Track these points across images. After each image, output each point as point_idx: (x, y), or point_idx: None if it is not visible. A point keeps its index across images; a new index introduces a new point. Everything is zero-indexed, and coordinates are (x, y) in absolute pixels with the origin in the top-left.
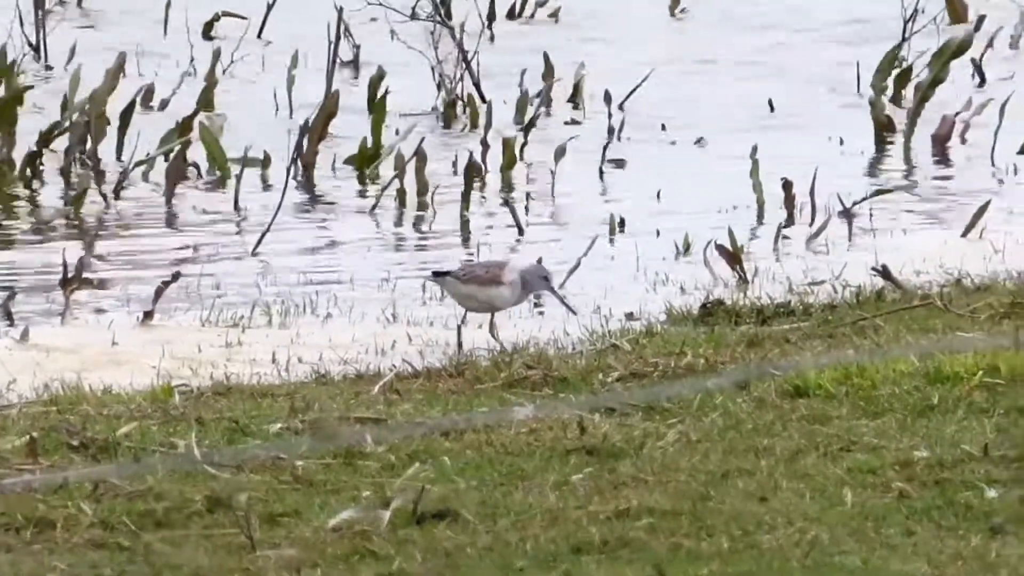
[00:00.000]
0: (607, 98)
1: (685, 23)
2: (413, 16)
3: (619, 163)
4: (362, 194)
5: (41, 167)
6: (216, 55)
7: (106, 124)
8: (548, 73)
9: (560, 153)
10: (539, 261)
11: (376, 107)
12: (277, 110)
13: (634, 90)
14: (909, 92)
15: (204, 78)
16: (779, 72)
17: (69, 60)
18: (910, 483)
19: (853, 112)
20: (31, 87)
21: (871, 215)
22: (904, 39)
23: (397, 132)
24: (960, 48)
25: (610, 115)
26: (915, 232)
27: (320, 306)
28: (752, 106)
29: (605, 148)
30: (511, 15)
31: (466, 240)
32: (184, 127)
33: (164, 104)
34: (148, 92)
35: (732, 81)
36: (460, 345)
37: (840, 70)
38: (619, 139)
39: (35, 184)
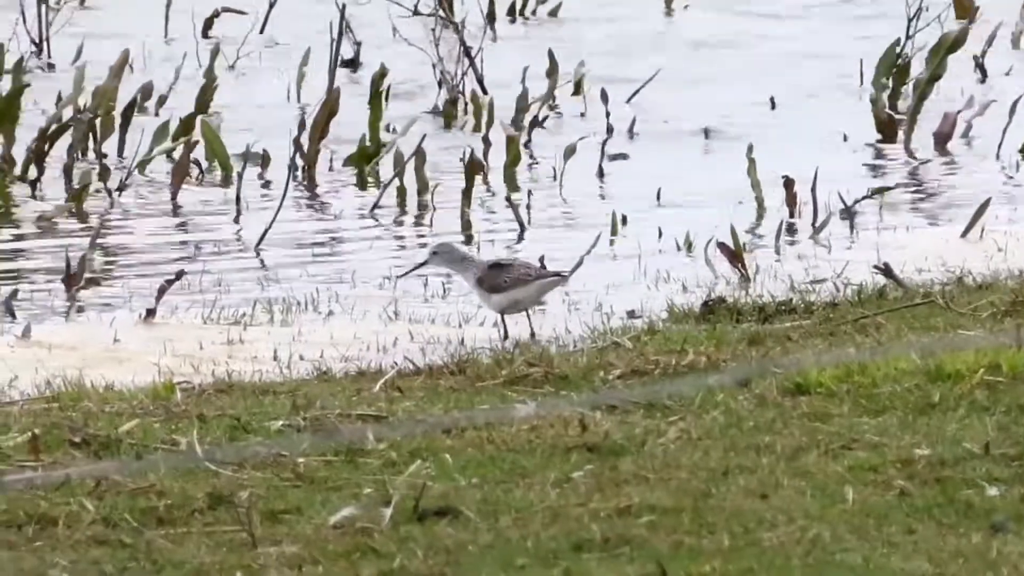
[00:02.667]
0: (604, 97)
1: (686, 20)
2: (415, 13)
3: (622, 156)
4: (363, 192)
5: (44, 164)
6: (214, 53)
7: (113, 121)
8: (552, 71)
9: (570, 152)
10: (541, 259)
11: (376, 105)
12: (279, 107)
13: (639, 90)
14: (909, 89)
15: (203, 75)
16: (781, 69)
17: (76, 59)
18: (911, 481)
19: (855, 109)
20: (28, 84)
21: (876, 213)
22: (908, 36)
23: (393, 130)
24: (956, 43)
25: (608, 113)
26: (917, 230)
27: (322, 303)
28: (754, 103)
29: (604, 145)
30: (511, 13)
31: (468, 239)
32: (186, 126)
33: (162, 100)
34: (149, 90)
35: (733, 78)
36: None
37: (842, 67)
38: (631, 136)
39: (37, 181)
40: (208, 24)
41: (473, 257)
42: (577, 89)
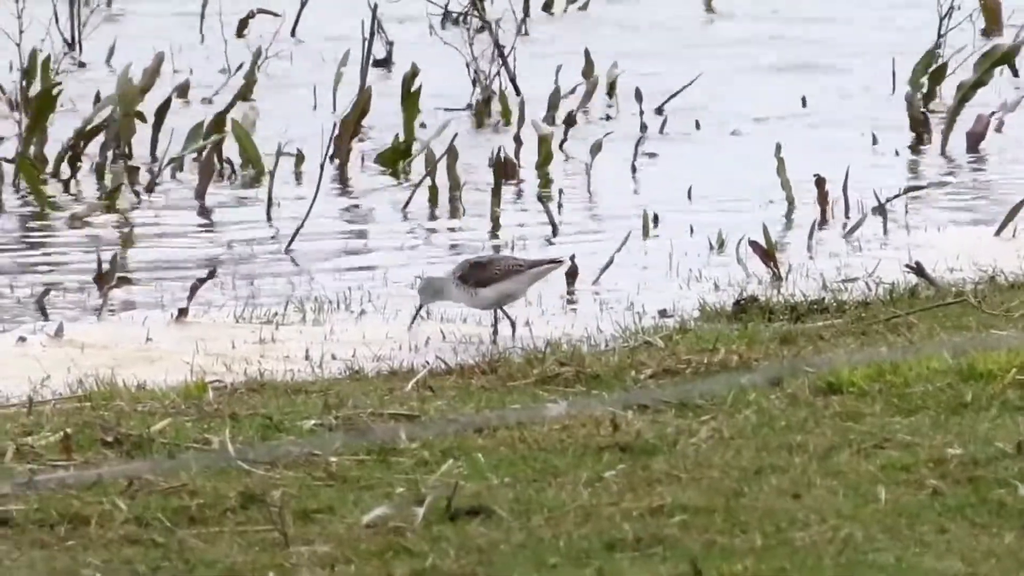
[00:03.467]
0: (638, 96)
1: (718, 18)
2: (447, 13)
3: (651, 155)
4: (395, 191)
5: (78, 164)
6: (257, 54)
7: (134, 122)
8: (587, 70)
9: (596, 149)
10: (573, 257)
11: (409, 103)
12: (315, 107)
13: (676, 94)
14: (944, 89)
15: (244, 76)
16: (813, 68)
17: (109, 58)
18: (944, 480)
19: (887, 108)
20: (59, 83)
21: (906, 212)
22: (940, 36)
23: (423, 125)
24: (1006, 56)
25: (642, 112)
26: (949, 229)
27: (354, 302)
28: (786, 102)
29: (637, 144)
30: (547, 8)
31: (496, 236)
32: (218, 123)
33: (205, 101)
34: (183, 89)
35: (766, 76)
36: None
37: (874, 66)
38: (662, 133)
39: (70, 181)
40: (242, 25)
41: (444, 275)
42: (611, 89)
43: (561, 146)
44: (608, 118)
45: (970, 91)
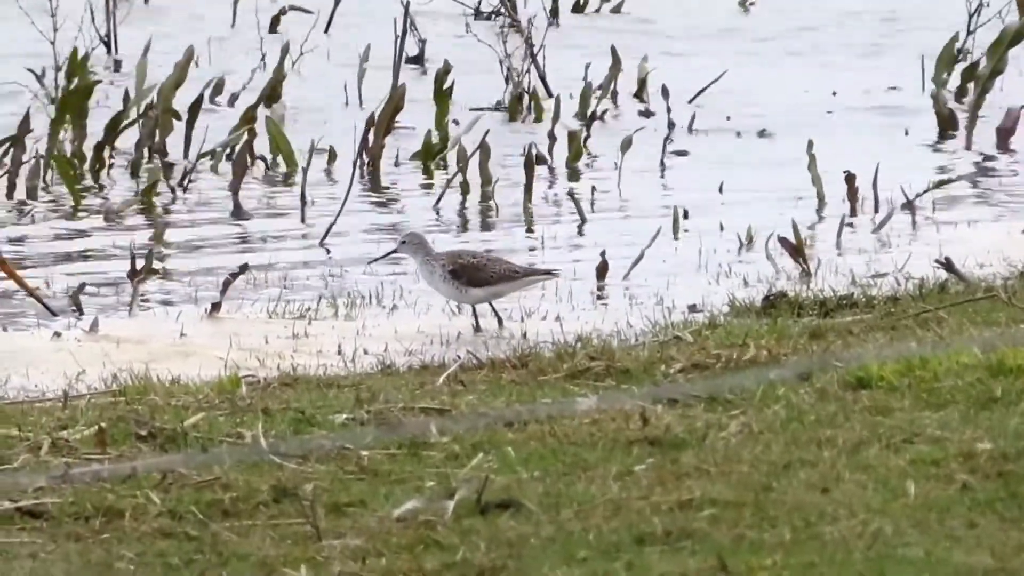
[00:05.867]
0: (665, 92)
1: (748, 17)
2: (479, 11)
3: (681, 153)
4: (427, 186)
5: (112, 160)
6: (285, 50)
7: (172, 118)
8: (615, 67)
9: (626, 145)
10: (604, 253)
11: (441, 101)
12: (347, 104)
13: (705, 88)
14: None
15: (273, 72)
16: (843, 64)
17: (145, 54)
18: (973, 475)
19: (916, 105)
20: (99, 81)
21: (934, 208)
22: (969, 32)
23: (455, 122)
24: (1016, 37)
25: (669, 109)
26: (978, 225)
27: (386, 298)
28: (816, 99)
29: (666, 141)
30: (576, 9)
31: (529, 231)
32: (247, 119)
33: (233, 99)
34: (217, 86)
35: (796, 74)
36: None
37: (904, 63)
38: (691, 131)
39: (104, 176)
40: (275, 21)
41: (436, 251)
42: (640, 86)
43: (585, 142)
44: (639, 115)
45: (989, 81)
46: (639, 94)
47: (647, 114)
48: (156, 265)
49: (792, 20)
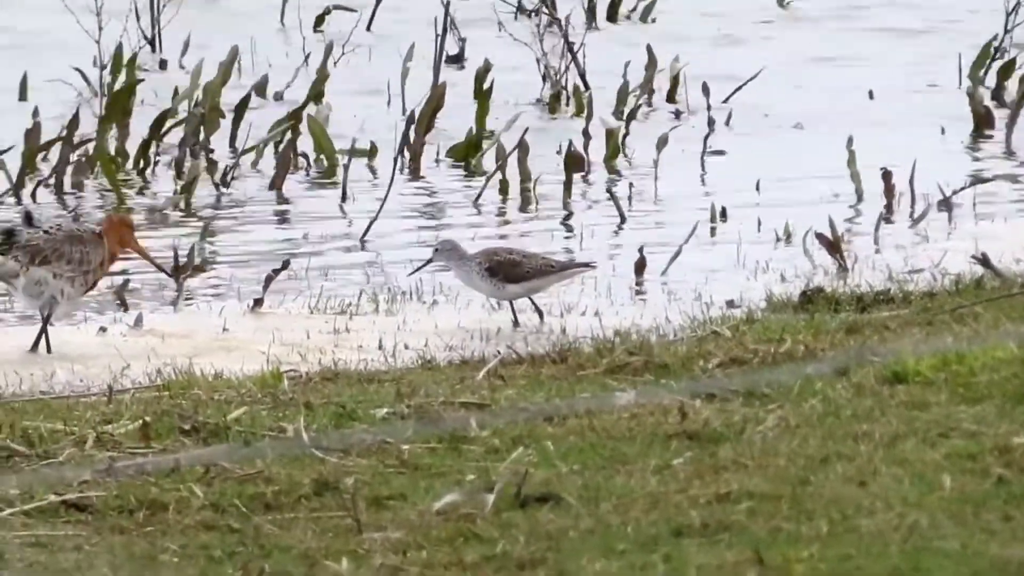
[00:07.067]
0: (705, 90)
1: (787, 15)
2: (519, 8)
3: (719, 152)
4: (467, 183)
5: (156, 157)
6: (329, 49)
7: (219, 116)
8: (650, 65)
9: (662, 143)
10: (642, 249)
11: (481, 98)
12: (389, 102)
13: (742, 86)
14: (1012, 84)
15: (316, 71)
16: (880, 62)
17: (183, 53)
18: (1009, 469)
19: (954, 102)
20: (142, 80)
21: (974, 205)
22: (1007, 31)
23: (497, 119)
24: None
25: (709, 107)
26: (1015, 220)
27: (426, 293)
28: (852, 96)
29: (706, 139)
30: (613, 8)
31: (568, 228)
32: (292, 117)
33: (279, 96)
34: (261, 84)
35: (833, 71)
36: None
37: (941, 61)
38: (727, 125)
39: (149, 174)
40: (319, 20)
41: (469, 253)
42: (674, 83)
43: (623, 140)
44: (676, 114)
45: None
46: (673, 92)
47: (681, 113)
48: (200, 262)
49: (827, 19)
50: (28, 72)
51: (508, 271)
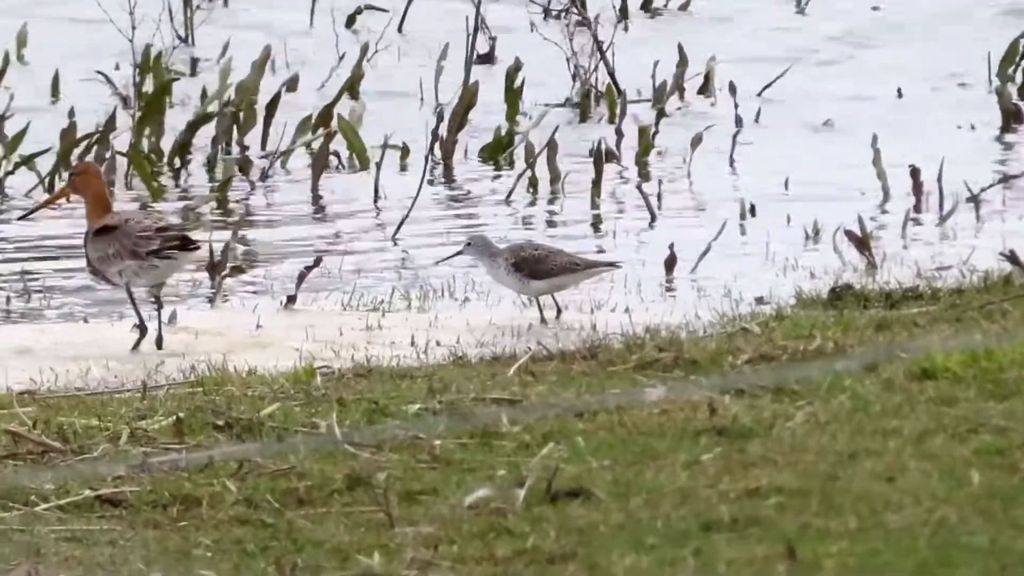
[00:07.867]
0: (732, 89)
1: (813, 12)
2: (548, 9)
3: (747, 145)
4: (498, 181)
5: (189, 156)
6: (364, 50)
7: (255, 114)
8: (681, 63)
9: (696, 141)
10: (672, 246)
11: (511, 97)
12: (421, 101)
13: (770, 84)
14: None
15: (351, 71)
16: (908, 60)
17: (223, 54)
18: None
19: (982, 100)
20: (177, 79)
21: (1004, 203)
22: None
23: (528, 117)
24: None
25: (737, 105)
26: None
27: (458, 290)
28: (881, 94)
29: (735, 137)
30: (645, 7)
31: (596, 226)
32: (325, 117)
33: (310, 96)
34: (293, 83)
35: (860, 68)
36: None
37: (970, 58)
38: (757, 121)
39: (183, 172)
40: (351, 20)
41: (499, 248)
42: (706, 81)
43: (653, 138)
44: (704, 111)
45: None
46: (704, 90)
47: (711, 110)
48: (235, 262)
49: (853, 15)
50: (59, 71)
51: (533, 267)
